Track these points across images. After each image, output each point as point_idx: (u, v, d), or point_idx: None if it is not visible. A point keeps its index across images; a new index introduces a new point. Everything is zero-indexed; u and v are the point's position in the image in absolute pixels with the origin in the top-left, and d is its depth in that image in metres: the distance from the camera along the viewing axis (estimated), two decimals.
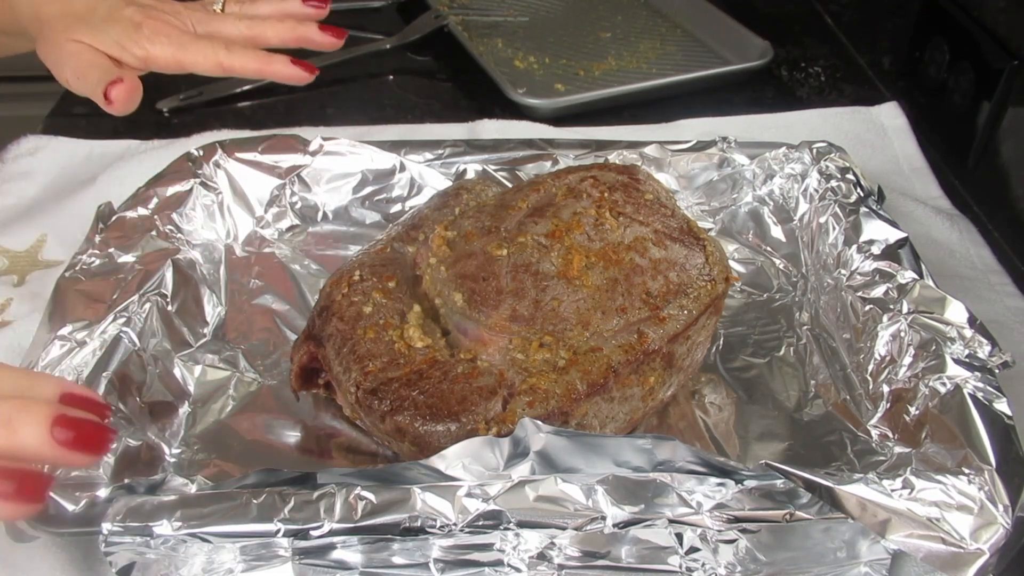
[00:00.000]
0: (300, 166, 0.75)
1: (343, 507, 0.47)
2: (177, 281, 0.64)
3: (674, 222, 0.63)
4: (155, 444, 0.57)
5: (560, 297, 0.56)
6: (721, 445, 0.60)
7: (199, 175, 0.72)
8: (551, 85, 1.02)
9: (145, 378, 0.59)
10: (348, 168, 0.76)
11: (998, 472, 0.47)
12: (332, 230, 0.77)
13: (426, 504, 0.47)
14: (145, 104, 0.98)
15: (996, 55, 0.83)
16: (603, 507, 0.47)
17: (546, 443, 0.48)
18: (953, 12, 0.90)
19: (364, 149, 0.76)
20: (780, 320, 0.70)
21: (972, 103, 0.86)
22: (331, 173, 0.76)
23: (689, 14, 1.16)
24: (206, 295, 0.67)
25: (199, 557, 0.48)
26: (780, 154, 0.74)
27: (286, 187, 0.75)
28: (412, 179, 0.77)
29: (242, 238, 0.74)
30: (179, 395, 0.61)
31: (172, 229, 0.68)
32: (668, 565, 0.50)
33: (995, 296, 0.74)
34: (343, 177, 0.76)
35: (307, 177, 0.76)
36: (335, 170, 0.76)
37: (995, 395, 0.51)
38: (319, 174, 0.76)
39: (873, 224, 0.65)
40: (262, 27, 0.68)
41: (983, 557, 0.44)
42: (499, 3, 1.21)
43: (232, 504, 0.47)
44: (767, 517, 0.48)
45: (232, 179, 0.74)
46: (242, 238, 0.74)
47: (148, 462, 0.56)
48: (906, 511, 0.45)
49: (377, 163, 0.76)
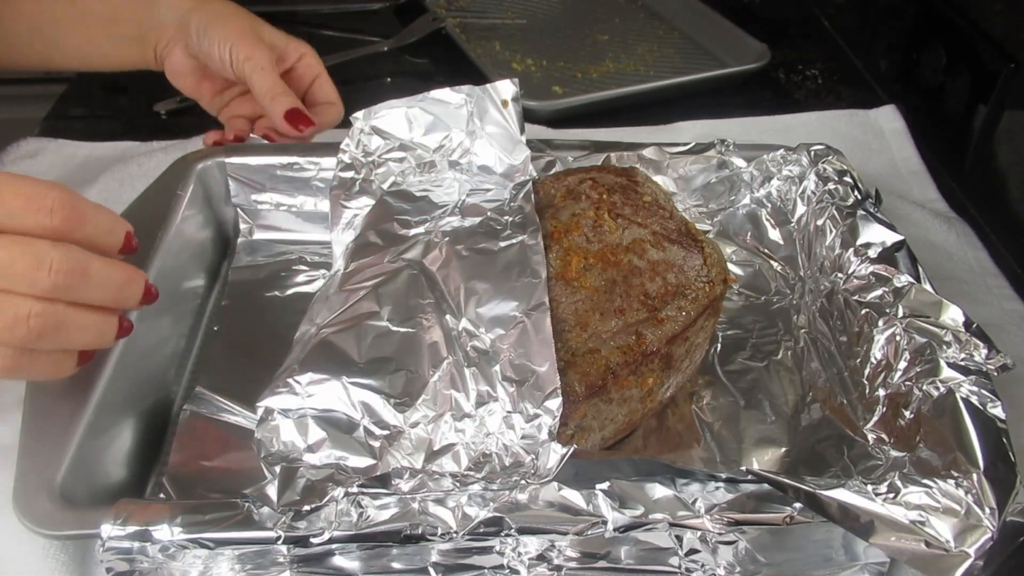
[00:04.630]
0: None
1: (343, 515, 0.47)
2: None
3: (672, 224, 0.63)
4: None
5: (558, 298, 0.57)
6: (719, 448, 0.60)
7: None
8: (549, 87, 1.02)
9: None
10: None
11: (986, 475, 0.46)
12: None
13: (426, 512, 0.47)
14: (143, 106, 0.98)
15: (993, 58, 0.83)
16: (604, 511, 0.47)
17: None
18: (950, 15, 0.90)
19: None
20: (778, 323, 0.70)
21: (969, 106, 0.87)
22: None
23: (687, 17, 1.16)
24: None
25: (196, 566, 0.48)
26: (778, 156, 0.74)
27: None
28: None
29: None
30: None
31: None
32: (668, 566, 0.50)
33: (992, 299, 0.74)
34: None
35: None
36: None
37: (989, 399, 0.51)
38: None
39: (870, 227, 0.65)
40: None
41: (968, 560, 0.44)
42: (497, 5, 1.21)
43: (232, 512, 0.47)
44: (767, 520, 0.48)
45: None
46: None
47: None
48: (887, 515, 0.45)
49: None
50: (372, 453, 0.50)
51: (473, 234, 0.61)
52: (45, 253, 0.44)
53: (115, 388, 0.56)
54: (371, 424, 0.51)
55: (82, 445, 0.52)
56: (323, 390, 0.51)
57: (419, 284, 0.57)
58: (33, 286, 0.44)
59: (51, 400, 0.53)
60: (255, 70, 0.73)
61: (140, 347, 0.59)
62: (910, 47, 0.98)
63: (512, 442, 0.50)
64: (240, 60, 0.73)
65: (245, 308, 0.70)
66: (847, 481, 0.46)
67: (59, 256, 0.44)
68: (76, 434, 0.52)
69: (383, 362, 0.53)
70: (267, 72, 0.73)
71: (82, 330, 0.46)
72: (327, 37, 1.14)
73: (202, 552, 0.47)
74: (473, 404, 0.51)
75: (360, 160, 0.68)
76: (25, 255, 0.43)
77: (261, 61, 0.73)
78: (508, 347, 0.53)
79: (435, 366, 0.53)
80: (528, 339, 0.53)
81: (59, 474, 0.50)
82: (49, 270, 0.43)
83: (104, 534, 0.46)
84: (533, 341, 0.53)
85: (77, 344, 0.47)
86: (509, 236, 0.60)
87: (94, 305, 0.47)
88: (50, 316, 0.44)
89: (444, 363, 0.53)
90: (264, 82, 0.73)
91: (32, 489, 0.49)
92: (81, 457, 0.52)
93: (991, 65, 0.83)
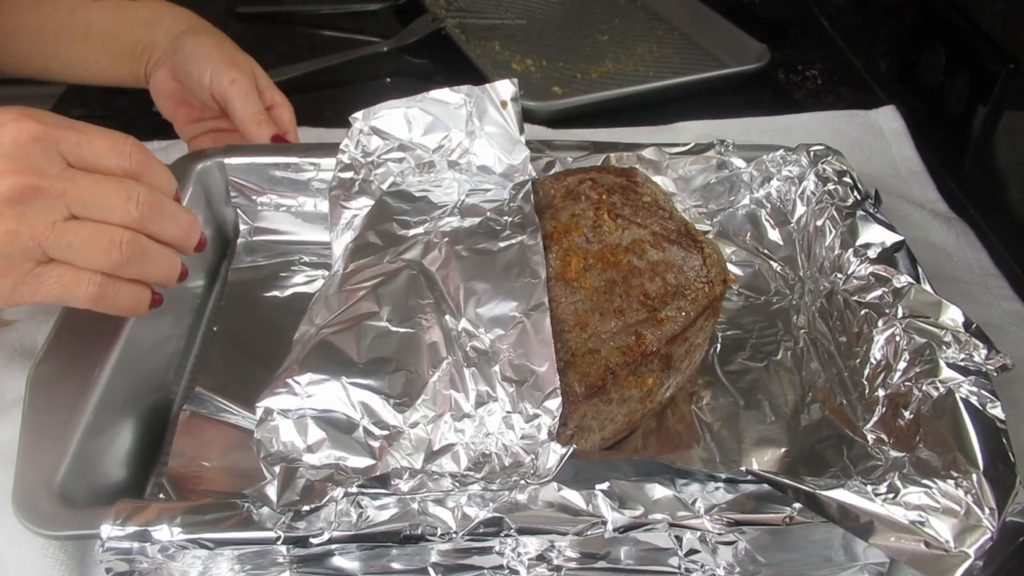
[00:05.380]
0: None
1: (343, 515, 0.47)
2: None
3: (672, 224, 0.63)
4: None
5: (558, 299, 0.57)
6: (719, 448, 0.60)
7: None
8: (548, 88, 1.02)
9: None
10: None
11: (985, 476, 0.46)
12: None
13: (426, 512, 0.47)
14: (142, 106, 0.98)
15: (992, 58, 0.83)
16: (603, 512, 0.47)
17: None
18: (950, 16, 0.90)
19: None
20: (777, 323, 0.70)
21: (969, 107, 0.87)
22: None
23: (686, 17, 1.16)
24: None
25: (195, 566, 0.48)
26: (777, 157, 0.74)
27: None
28: None
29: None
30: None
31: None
32: (667, 566, 0.50)
33: (992, 299, 0.74)
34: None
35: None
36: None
37: (989, 399, 0.51)
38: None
39: (870, 227, 0.65)
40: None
41: (968, 561, 0.44)
42: (496, 6, 1.21)
43: (232, 512, 0.47)
44: (767, 520, 0.48)
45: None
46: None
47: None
48: (887, 515, 0.45)
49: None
50: (372, 453, 0.50)
51: (472, 234, 0.61)
52: (133, 187, 0.51)
53: (115, 388, 0.56)
54: (371, 424, 0.51)
55: (82, 445, 0.52)
56: (322, 390, 0.51)
57: (419, 284, 0.57)
58: (124, 216, 0.50)
59: (51, 400, 0.53)
60: (239, 95, 0.75)
61: (140, 347, 0.59)
62: (910, 47, 0.98)
63: (512, 442, 0.50)
64: (224, 83, 0.75)
65: (245, 308, 0.70)
66: (847, 481, 0.46)
67: (144, 191, 0.51)
68: (76, 434, 0.52)
69: (383, 362, 0.53)
70: (251, 97, 0.76)
71: (159, 261, 0.53)
72: (327, 37, 1.14)
73: (202, 552, 0.47)
74: (473, 404, 0.51)
75: (359, 160, 0.68)
76: (118, 190, 0.50)
77: (245, 86, 0.76)
78: (507, 347, 0.53)
79: (435, 366, 0.53)
80: (528, 339, 0.53)
81: (59, 474, 0.50)
82: (136, 202, 0.50)
83: (103, 534, 0.46)
84: (532, 341, 0.53)
85: (153, 275, 0.53)
86: (508, 236, 0.60)
87: (165, 242, 0.53)
88: (136, 243, 0.51)
89: (444, 363, 0.53)
90: (248, 107, 0.76)
91: (32, 489, 0.49)
92: (81, 457, 0.52)
93: (991, 65, 0.83)
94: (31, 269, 0.49)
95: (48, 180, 0.48)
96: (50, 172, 0.48)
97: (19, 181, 0.47)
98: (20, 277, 0.49)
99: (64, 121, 0.50)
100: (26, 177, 0.47)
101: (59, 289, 0.50)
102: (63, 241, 0.48)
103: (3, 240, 0.47)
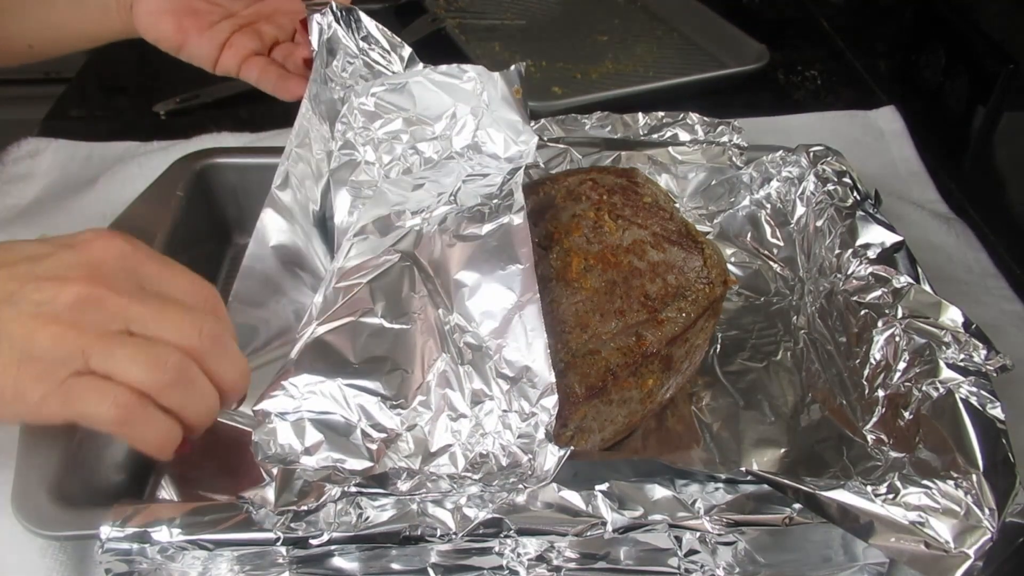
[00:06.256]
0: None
1: (342, 516, 0.47)
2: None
3: (672, 225, 0.63)
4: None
5: (558, 299, 0.57)
6: (718, 448, 0.60)
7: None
8: (548, 88, 1.02)
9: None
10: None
11: (985, 476, 0.46)
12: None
13: (426, 513, 0.47)
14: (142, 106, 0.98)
15: (992, 59, 0.83)
16: (603, 512, 0.47)
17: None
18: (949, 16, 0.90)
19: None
20: (777, 324, 0.70)
21: (968, 107, 0.87)
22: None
23: (686, 18, 1.16)
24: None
25: (195, 567, 0.48)
26: (777, 157, 0.74)
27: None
28: None
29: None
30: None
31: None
32: (667, 567, 0.50)
33: (992, 300, 0.74)
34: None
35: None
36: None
37: (989, 399, 0.51)
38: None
39: (870, 228, 0.65)
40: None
41: (968, 561, 0.44)
42: (496, 6, 1.21)
43: (231, 513, 0.47)
44: (767, 521, 0.48)
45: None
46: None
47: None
48: (887, 516, 0.45)
49: None
50: (370, 456, 0.50)
51: (461, 220, 0.60)
52: (202, 317, 0.47)
53: None
54: (368, 427, 0.51)
55: (81, 445, 0.52)
56: (319, 392, 0.51)
57: (412, 277, 0.57)
58: (183, 338, 0.46)
59: None
60: None
61: None
62: (909, 48, 0.98)
63: (509, 442, 0.50)
64: None
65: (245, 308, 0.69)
66: (846, 482, 0.46)
67: (212, 322, 0.47)
68: (75, 434, 0.52)
69: (378, 361, 0.53)
70: None
71: (202, 396, 0.47)
72: None
73: (201, 553, 0.47)
74: (468, 403, 0.51)
75: (359, 140, 0.67)
76: (184, 314, 0.47)
77: None
78: (500, 341, 0.53)
79: (429, 365, 0.53)
80: (519, 332, 0.52)
81: (58, 474, 0.49)
82: (200, 330, 0.46)
83: (103, 535, 0.46)
84: (524, 333, 0.52)
85: (192, 409, 0.47)
86: (494, 218, 0.59)
87: (215, 381, 0.48)
88: (186, 367, 0.46)
89: (438, 361, 0.53)
90: None
91: (31, 489, 0.49)
92: (80, 457, 0.52)
93: (990, 66, 0.83)
94: (65, 378, 0.44)
95: (115, 294, 0.45)
96: (121, 288, 0.45)
97: (85, 290, 0.44)
98: (53, 386, 0.43)
99: (152, 252, 0.48)
100: (95, 288, 0.45)
101: (85, 402, 0.44)
102: (108, 349, 0.44)
103: (49, 343, 0.43)
